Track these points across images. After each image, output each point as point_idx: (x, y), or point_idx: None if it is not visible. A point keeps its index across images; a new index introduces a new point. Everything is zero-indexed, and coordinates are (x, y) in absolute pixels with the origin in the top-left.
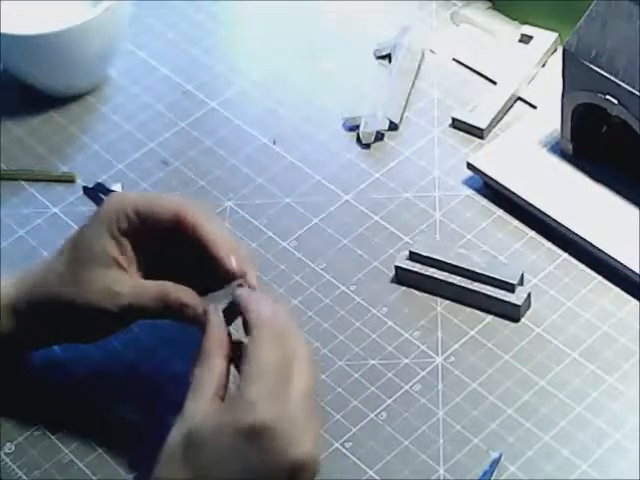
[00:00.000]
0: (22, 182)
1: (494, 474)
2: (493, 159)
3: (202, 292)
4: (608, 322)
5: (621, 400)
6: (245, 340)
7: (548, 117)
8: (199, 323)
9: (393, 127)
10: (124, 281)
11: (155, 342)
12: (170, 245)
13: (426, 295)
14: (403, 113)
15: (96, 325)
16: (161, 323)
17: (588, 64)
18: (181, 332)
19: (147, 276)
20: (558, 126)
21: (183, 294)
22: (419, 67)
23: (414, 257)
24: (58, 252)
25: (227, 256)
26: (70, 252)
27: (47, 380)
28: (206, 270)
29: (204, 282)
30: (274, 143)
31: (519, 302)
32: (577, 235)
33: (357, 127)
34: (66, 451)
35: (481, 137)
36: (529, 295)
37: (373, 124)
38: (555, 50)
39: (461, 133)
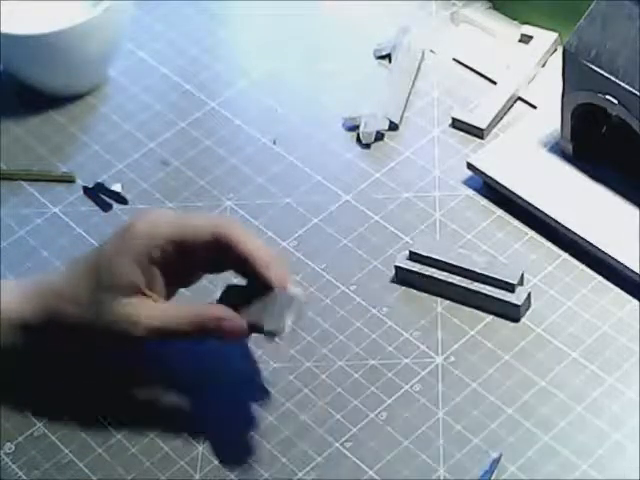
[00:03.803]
0: (22, 182)
1: (494, 474)
2: (493, 159)
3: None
4: (608, 322)
5: (621, 400)
6: None
7: (548, 117)
8: (238, 335)
9: (393, 127)
10: (146, 308)
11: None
12: (200, 264)
13: (426, 295)
14: (403, 113)
15: (117, 345)
16: None
17: (588, 64)
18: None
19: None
20: (558, 126)
21: (216, 310)
22: (419, 67)
23: (414, 257)
24: (73, 269)
25: (267, 270)
26: (91, 276)
27: (47, 380)
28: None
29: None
30: (274, 143)
31: (519, 302)
32: (577, 235)
33: (357, 127)
34: (66, 451)
35: (481, 137)
36: (529, 295)
37: (373, 124)
38: (555, 50)
39: (461, 133)
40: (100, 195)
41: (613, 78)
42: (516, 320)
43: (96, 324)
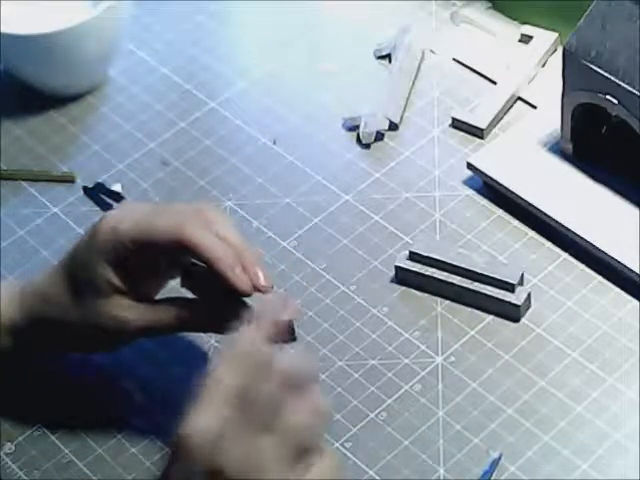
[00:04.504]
0: (22, 182)
1: (494, 474)
2: (493, 159)
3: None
4: (608, 322)
5: (621, 400)
6: None
7: (548, 117)
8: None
9: (393, 127)
10: (130, 307)
11: (156, 344)
12: (171, 261)
13: (426, 295)
14: (403, 113)
15: (106, 343)
16: None
17: (588, 64)
18: (182, 335)
19: (149, 293)
20: (558, 126)
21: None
22: (419, 67)
23: (414, 257)
24: (53, 272)
25: (231, 274)
26: (68, 279)
27: (47, 380)
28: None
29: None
30: (274, 143)
31: (519, 302)
32: (577, 235)
33: (357, 127)
34: (66, 451)
35: (481, 137)
36: (529, 295)
37: (373, 124)
38: (555, 50)
39: (461, 133)
40: (100, 195)
41: (613, 78)
42: (516, 320)
43: (83, 325)
